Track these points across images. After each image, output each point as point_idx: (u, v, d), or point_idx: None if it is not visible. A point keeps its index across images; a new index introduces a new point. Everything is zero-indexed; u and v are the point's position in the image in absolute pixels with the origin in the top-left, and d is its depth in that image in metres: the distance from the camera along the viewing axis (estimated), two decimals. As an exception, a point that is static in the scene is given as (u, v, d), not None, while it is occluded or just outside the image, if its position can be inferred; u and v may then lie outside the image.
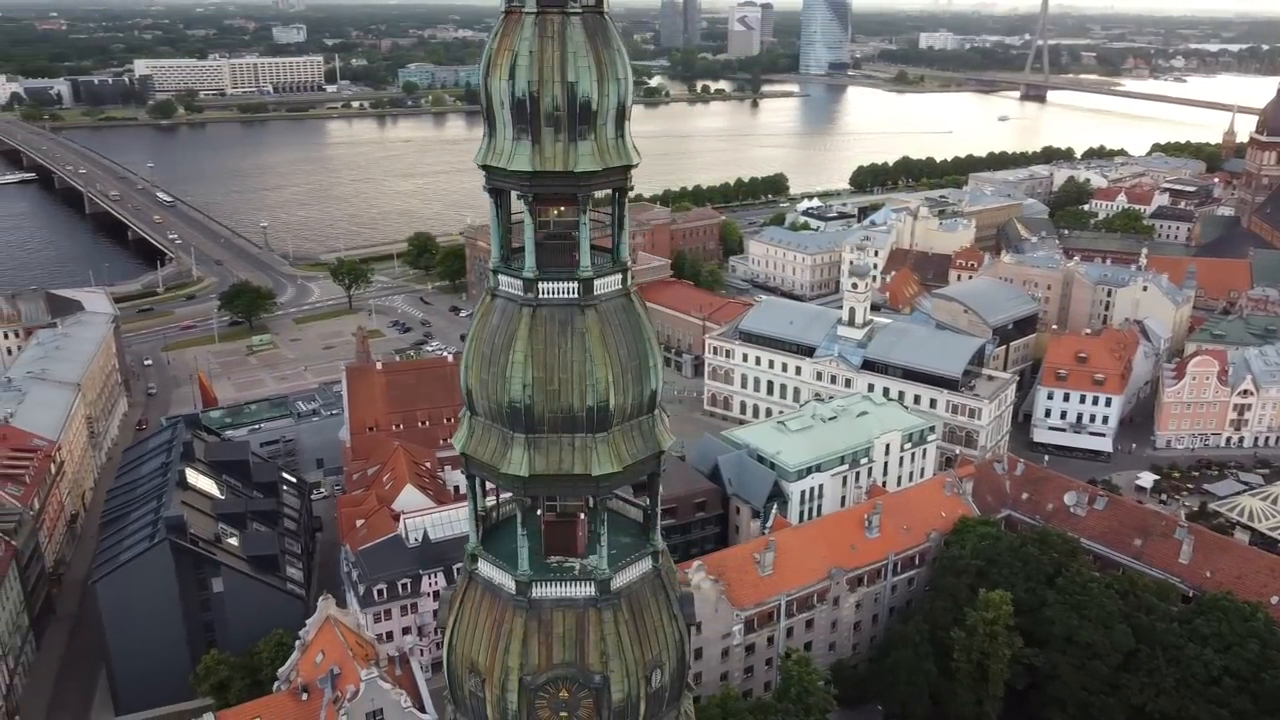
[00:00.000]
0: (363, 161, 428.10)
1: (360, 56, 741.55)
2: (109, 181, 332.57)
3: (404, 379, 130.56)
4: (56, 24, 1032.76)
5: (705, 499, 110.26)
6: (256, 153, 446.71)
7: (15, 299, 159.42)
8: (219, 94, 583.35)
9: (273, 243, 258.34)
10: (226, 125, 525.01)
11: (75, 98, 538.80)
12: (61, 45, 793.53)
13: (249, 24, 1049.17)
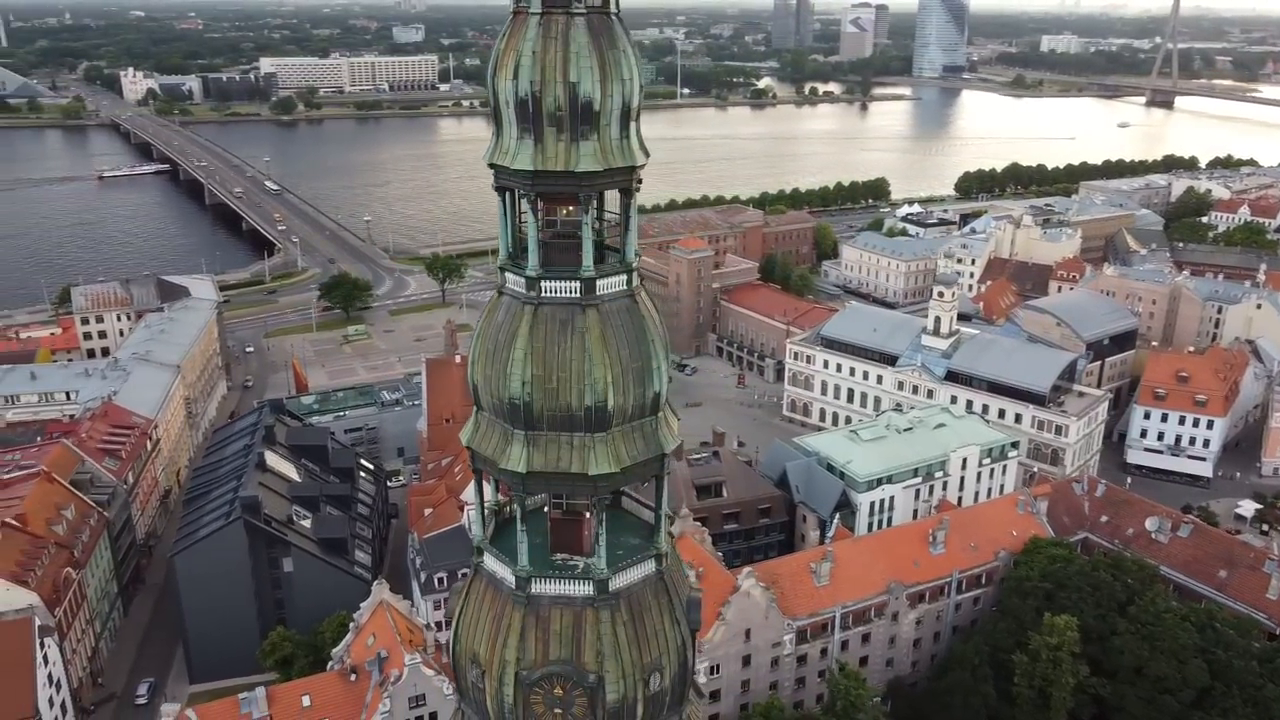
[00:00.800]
0: (469, 158, 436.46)
1: (474, 56, 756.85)
2: (229, 174, 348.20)
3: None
4: (194, 24, 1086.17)
5: (770, 505, 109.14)
6: (369, 149, 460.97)
7: (129, 284, 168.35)
8: (337, 91, 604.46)
9: (375, 236, 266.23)
10: (342, 122, 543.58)
11: (205, 94, 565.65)
12: (197, 44, 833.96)
13: (371, 24, 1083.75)
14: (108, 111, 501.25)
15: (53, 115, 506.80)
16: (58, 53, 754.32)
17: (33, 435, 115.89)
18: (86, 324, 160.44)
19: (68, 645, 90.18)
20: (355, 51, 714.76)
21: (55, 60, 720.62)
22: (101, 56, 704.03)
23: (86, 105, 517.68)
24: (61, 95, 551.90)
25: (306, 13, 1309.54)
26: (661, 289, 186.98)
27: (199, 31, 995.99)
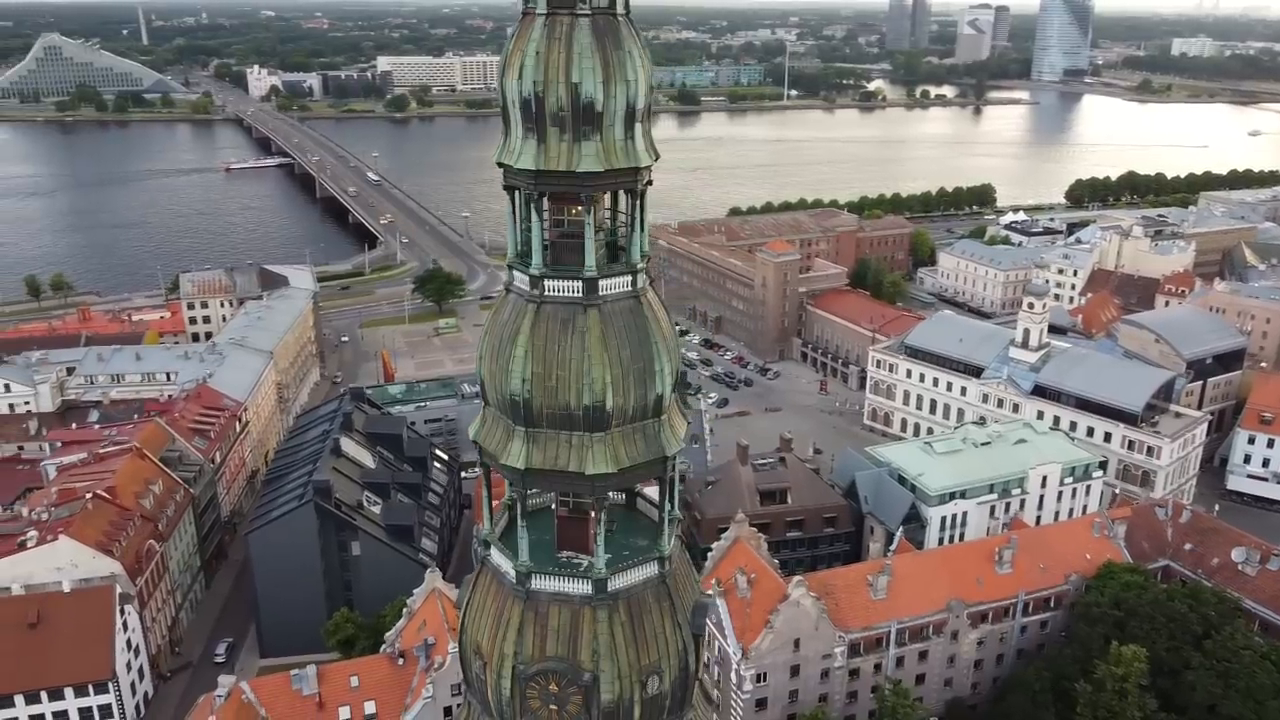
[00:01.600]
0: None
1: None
2: (340, 169, 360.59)
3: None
4: (320, 23, 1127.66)
5: (836, 515, 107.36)
6: (475, 146, 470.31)
7: (233, 272, 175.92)
8: (450, 90, 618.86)
9: (473, 232, 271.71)
10: (453, 119, 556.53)
11: (325, 91, 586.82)
12: (321, 42, 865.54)
13: (486, 24, 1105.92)
14: (233, 107, 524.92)
15: (183, 110, 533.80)
16: (192, 50, 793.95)
17: (132, 413, 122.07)
18: (192, 309, 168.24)
19: (147, 613, 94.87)
20: (468, 51, 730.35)
21: (190, 58, 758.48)
22: (232, 54, 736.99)
23: (214, 101, 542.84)
24: (193, 91, 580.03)
25: (427, 12, 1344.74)
26: (747, 292, 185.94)
27: (324, 30, 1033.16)
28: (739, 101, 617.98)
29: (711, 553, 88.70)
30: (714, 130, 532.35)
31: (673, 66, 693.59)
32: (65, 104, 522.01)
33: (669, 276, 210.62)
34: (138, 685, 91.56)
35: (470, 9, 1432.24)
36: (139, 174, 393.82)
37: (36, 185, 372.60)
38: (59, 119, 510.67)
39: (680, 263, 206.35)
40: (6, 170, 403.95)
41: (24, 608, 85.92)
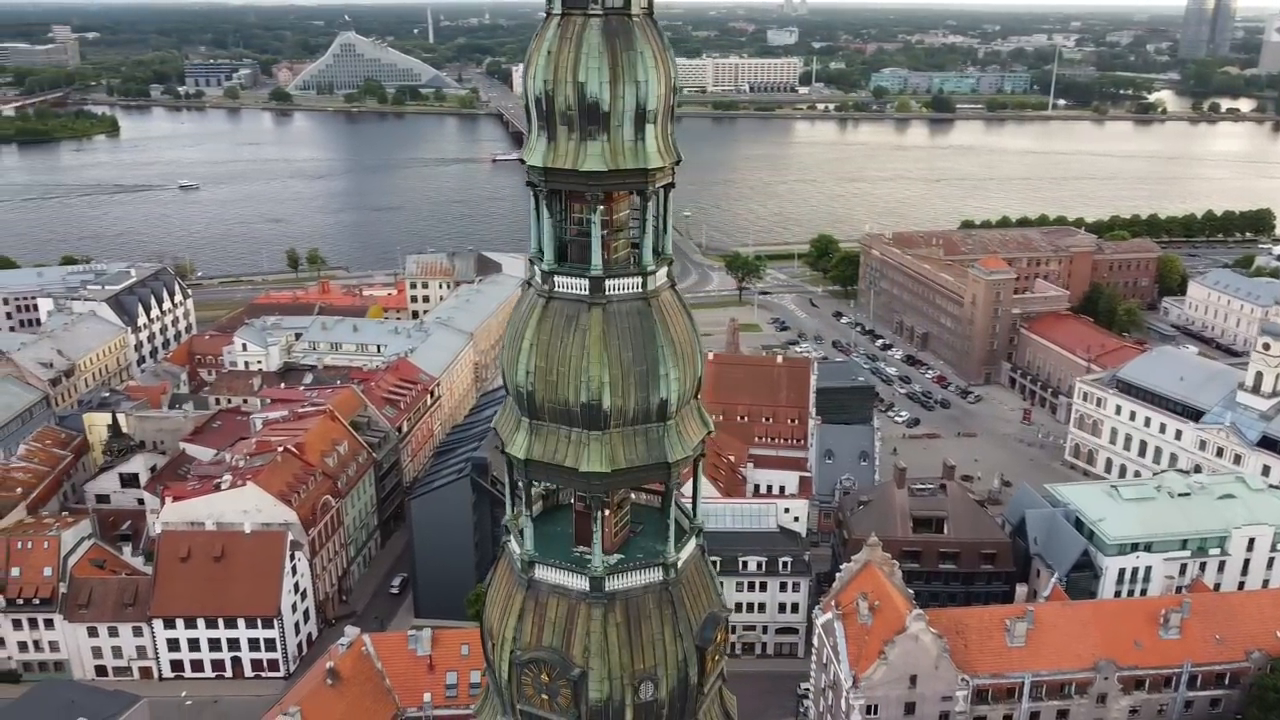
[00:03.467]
0: (811, 162, 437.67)
1: (839, 60, 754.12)
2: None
3: (732, 372, 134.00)
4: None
5: (996, 552, 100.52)
6: (717, 147, 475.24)
7: (453, 256, 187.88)
8: (700, 91, 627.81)
9: (691, 231, 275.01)
10: (699, 120, 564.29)
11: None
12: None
13: (748, 27, 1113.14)
14: (496, 102, 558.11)
15: (451, 104, 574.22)
16: (470, 49, 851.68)
17: (340, 379, 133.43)
18: (414, 288, 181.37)
19: (318, 562, 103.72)
20: (724, 53, 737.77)
21: (466, 55, 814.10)
22: (504, 53, 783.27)
23: (479, 96, 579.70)
24: (463, 87, 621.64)
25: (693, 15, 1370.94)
26: (956, 309, 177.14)
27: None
28: (997, 110, 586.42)
29: (840, 574, 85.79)
30: (966, 139, 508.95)
31: (931, 72, 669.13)
32: (353, 96, 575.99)
33: (879, 288, 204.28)
34: (302, 626, 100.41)
35: (735, 11, 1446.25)
36: (408, 161, 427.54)
37: (319, 169, 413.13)
38: (346, 109, 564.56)
39: (891, 274, 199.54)
40: (299, 154, 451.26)
41: (213, 542, 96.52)
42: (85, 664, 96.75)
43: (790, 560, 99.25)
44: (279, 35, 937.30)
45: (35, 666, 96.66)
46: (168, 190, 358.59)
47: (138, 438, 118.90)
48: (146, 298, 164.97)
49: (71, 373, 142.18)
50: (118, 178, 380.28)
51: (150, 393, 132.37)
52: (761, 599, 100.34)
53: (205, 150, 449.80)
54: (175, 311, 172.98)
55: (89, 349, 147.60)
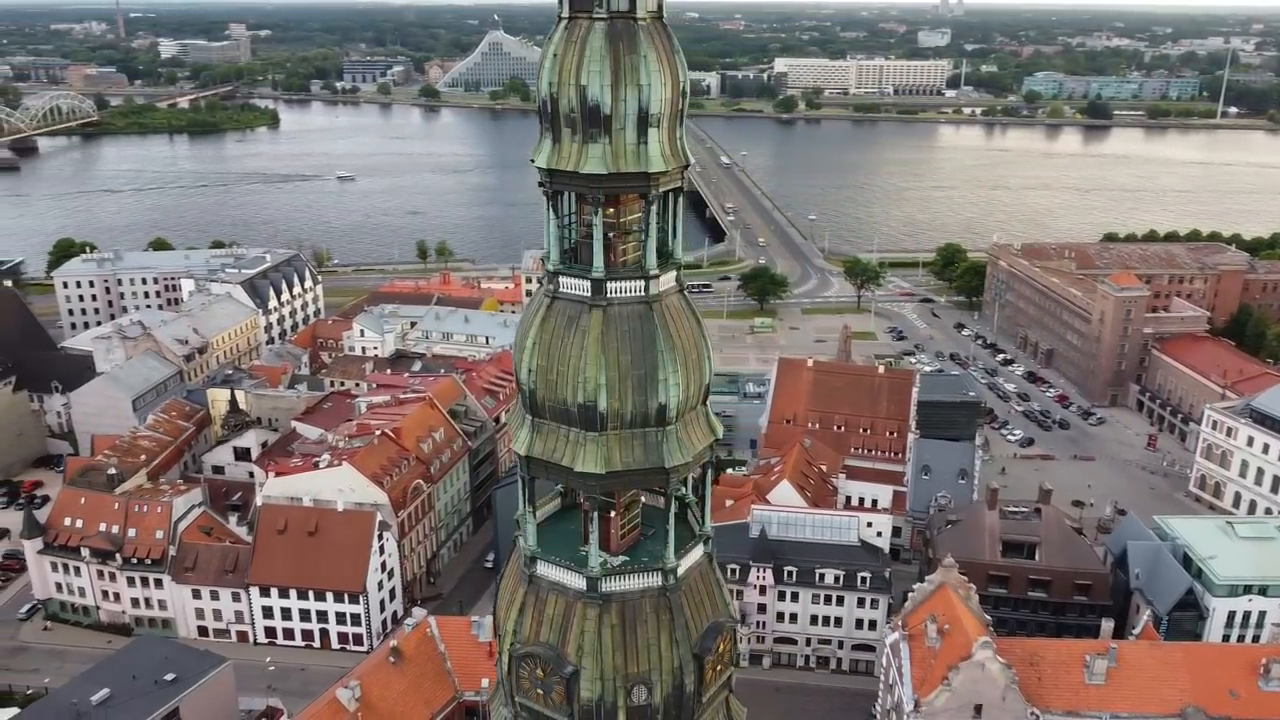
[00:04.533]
0: (950, 168, 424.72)
1: (991, 62, 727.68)
2: (708, 164, 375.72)
3: (831, 380, 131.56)
4: (737, 24, 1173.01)
5: (1091, 584, 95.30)
6: (854, 151, 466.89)
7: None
8: (842, 93, 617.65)
9: (816, 235, 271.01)
10: (839, 123, 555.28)
11: (721, 89, 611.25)
12: (732, 43, 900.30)
13: (899, 27, 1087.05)
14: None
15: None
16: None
17: (445, 368, 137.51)
18: (529, 282, 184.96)
19: (406, 543, 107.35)
20: (870, 54, 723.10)
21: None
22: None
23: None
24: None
25: (843, 15, 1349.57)
26: (1083, 326, 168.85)
27: (738, 32, 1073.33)
28: (1159, 118, 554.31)
29: (913, 593, 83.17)
30: (1123, 148, 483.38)
31: (1089, 76, 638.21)
32: (497, 94, 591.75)
33: (1004, 300, 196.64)
34: (387, 603, 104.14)
35: (888, 12, 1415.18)
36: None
37: (460, 164, 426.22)
38: (490, 106, 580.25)
39: (1018, 286, 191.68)
40: (443, 149, 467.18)
41: (308, 518, 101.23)
42: (189, 623, 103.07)
43: (870, 576, 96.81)
44: (434, 34, 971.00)
45: (146, 622, 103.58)
46: (326, 181, 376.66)
47: (253, 414, 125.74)
48: (278, 282, 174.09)
49: (205, 350, 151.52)
50: (275, 168, 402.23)
51: (272, 372, 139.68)
52: (838, 613, 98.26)
53: (356, 143, 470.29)
54: (305, 296, 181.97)
55: (222, 328, 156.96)
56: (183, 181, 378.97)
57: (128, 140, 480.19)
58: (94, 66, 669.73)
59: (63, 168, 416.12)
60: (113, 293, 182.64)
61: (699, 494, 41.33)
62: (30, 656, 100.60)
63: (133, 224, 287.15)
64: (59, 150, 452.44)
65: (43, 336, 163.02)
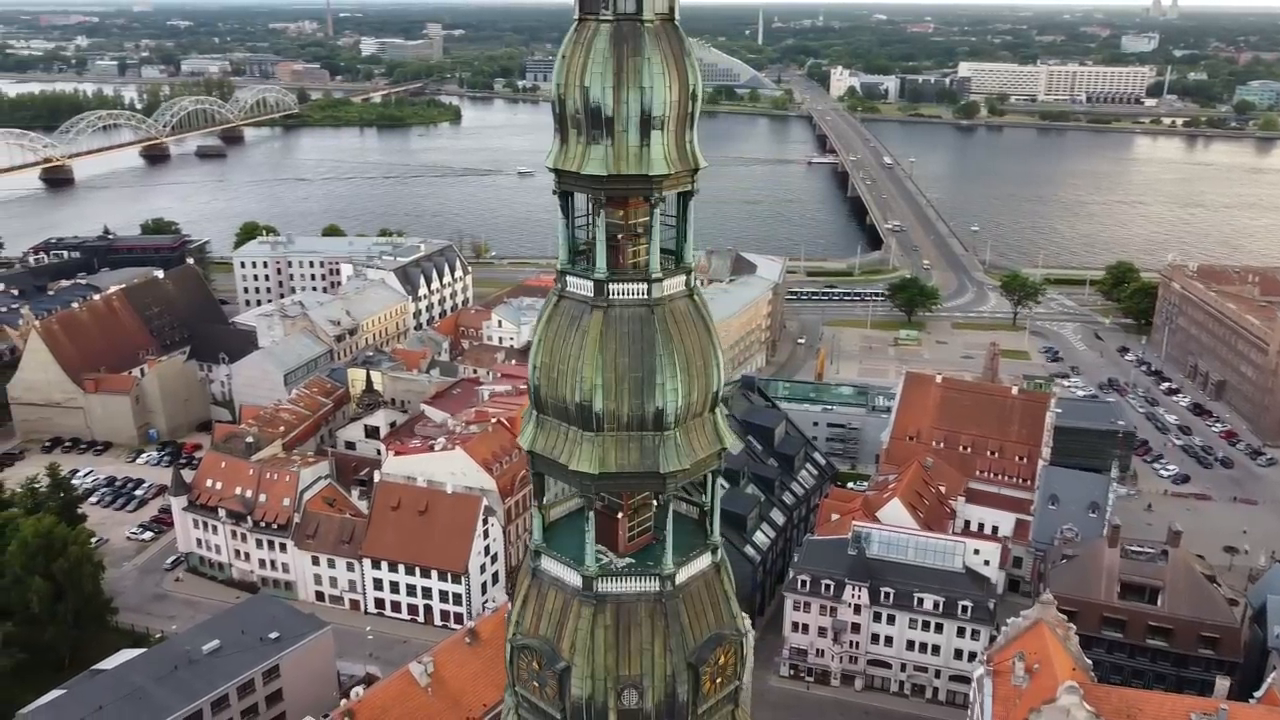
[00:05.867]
0: (1142, 181, 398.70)
1: (1200, 69, 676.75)
2: (875, 170, 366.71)
3: (960, 398, 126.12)
4: (926, 26, 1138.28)
5: (1220, 637, 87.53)
6: (1037, 161, 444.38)
7: (711, 255, 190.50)
8: (1029, 99, 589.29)
9: (977, 247, 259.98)
10: (1023, 130, 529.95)
11: (900, 93, 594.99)
12: (918, 46, 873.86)
13: (1102, 31, 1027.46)
14: (809, 105, 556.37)
15: (765, 105, 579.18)
16: (795, 51, 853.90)
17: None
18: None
19: (512, 530, 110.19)
20: (1065, 59, 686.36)
21: (790, 57, 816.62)
22: (829, 55, 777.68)
23: (792, 98, 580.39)
24: (779, 88, 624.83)
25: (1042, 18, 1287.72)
26: (1259, 357, 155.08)
27: (926, 34, 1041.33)
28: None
29: (1006, 628, 78.86)
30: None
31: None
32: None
33: (1175, 325, 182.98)
34: (489, 587, 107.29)
35: (1093, 15, 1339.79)
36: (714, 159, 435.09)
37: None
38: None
39: (1190, 311, 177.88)
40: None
41: (420, 497, 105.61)
42: (308, 588, 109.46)
43: (972, 605, 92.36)
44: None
45: (271, 583, 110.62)
46: (507, 175, 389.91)
47: (387, 395, 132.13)
48: (430, 270, 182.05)
49: (355, 331, 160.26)
50: (454, 162, 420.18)
51: (412, 356, 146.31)
52: (936, 641, 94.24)
53: (531, 140, 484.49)
54: (455, 285, 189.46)
55: (372, 312, 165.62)
56: (366, 172, 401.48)
57: (323, 132, 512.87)
58: (301, 63, 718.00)
59: (263, 156, 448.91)
60: (283, 274, 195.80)
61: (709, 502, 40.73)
62: (169, 604, 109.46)
63: (315, 210, 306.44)
64: (262, 140, 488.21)
65: (217, 311, 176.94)
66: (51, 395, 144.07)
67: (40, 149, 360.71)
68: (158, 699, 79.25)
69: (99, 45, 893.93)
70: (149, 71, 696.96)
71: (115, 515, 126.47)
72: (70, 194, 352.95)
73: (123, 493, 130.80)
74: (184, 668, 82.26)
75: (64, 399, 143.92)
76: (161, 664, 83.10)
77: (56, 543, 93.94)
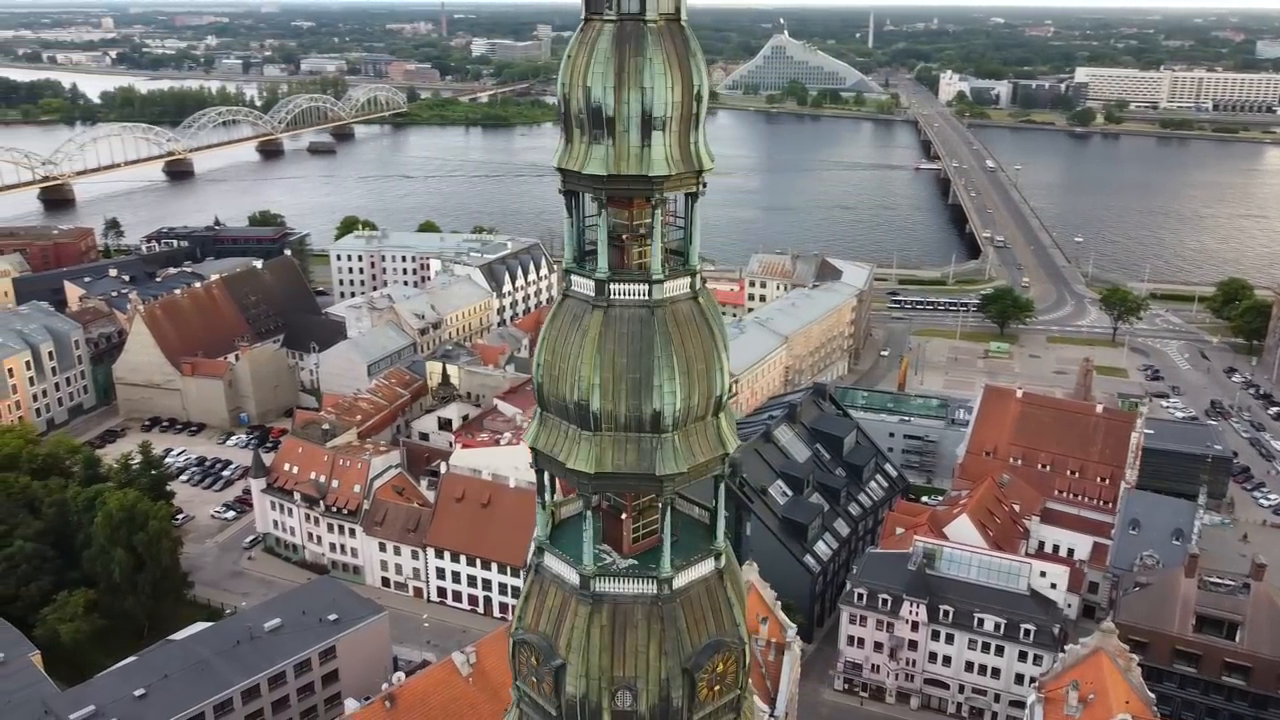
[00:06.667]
0: (1268, 195, 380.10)
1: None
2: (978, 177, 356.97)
3: (1040, 414, 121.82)
4: (1045, 30, 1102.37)
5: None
6: (1155, 170, 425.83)
7: (797, 259, 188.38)
8: (1150, 107, 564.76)
9: (1081, 258, 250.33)
10: (1141, 139, 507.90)
11: (1012, 99, 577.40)
12: (1036, 50, 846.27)
13: (1235, 36, 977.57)
14: (916, 109, 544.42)
15: (869, 109, 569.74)
16: (905, 54, 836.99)
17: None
18: (753, 286, 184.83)
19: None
20: (1191, 65, 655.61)
21: (900, 61, 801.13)
22: (940, 59, 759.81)
23: (898, 102, 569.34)
24: (885, 92, 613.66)
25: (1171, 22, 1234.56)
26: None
27: (1045, 38, 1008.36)
28: None
29: (1063, 655, 75.84)
30: None
31: None
32: (774, 97, 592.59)
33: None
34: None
35: (1227, 19, 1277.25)
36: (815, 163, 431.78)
37: (726, 166, 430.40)
38: (765, 109, 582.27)
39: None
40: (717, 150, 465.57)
41: (484, 490, 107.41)
42: (374, 573, 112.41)
43: (1035, 629, 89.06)
44: (725, 37, 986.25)
45: (340, 567, 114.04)
46: None
47: (462, 389, 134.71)
48: (515, 268, 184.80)
49: (439, 325, 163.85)
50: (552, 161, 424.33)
51: (490, 352, 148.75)
52: (996, 663, 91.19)
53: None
54: (540, 283, 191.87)
55: (456, 307, 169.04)
56: (468, 170, 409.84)
57: (429, 130, 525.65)
58: (413, 63, 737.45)
59: (371, 153, 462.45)
60: (376, 267, 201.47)
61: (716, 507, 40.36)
62: (244, 581, 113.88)
63: (415, 207, 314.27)
64: (371, 137, 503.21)
65: (310, 301, 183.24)
66: (152, 377, 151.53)
67: (164, 143, 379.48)
68: (219, 671, 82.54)
69: (227, 45, 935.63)
70: (270, 70, 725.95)
71: (202, 494, 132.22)
72: (190, 186, 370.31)
73: (211, 472, 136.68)
74: (246, 643, 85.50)
75: (163, 381, 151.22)
76: (226, 638, 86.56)
77: (139, 516, 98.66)
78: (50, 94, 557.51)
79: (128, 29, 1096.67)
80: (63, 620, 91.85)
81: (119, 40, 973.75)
